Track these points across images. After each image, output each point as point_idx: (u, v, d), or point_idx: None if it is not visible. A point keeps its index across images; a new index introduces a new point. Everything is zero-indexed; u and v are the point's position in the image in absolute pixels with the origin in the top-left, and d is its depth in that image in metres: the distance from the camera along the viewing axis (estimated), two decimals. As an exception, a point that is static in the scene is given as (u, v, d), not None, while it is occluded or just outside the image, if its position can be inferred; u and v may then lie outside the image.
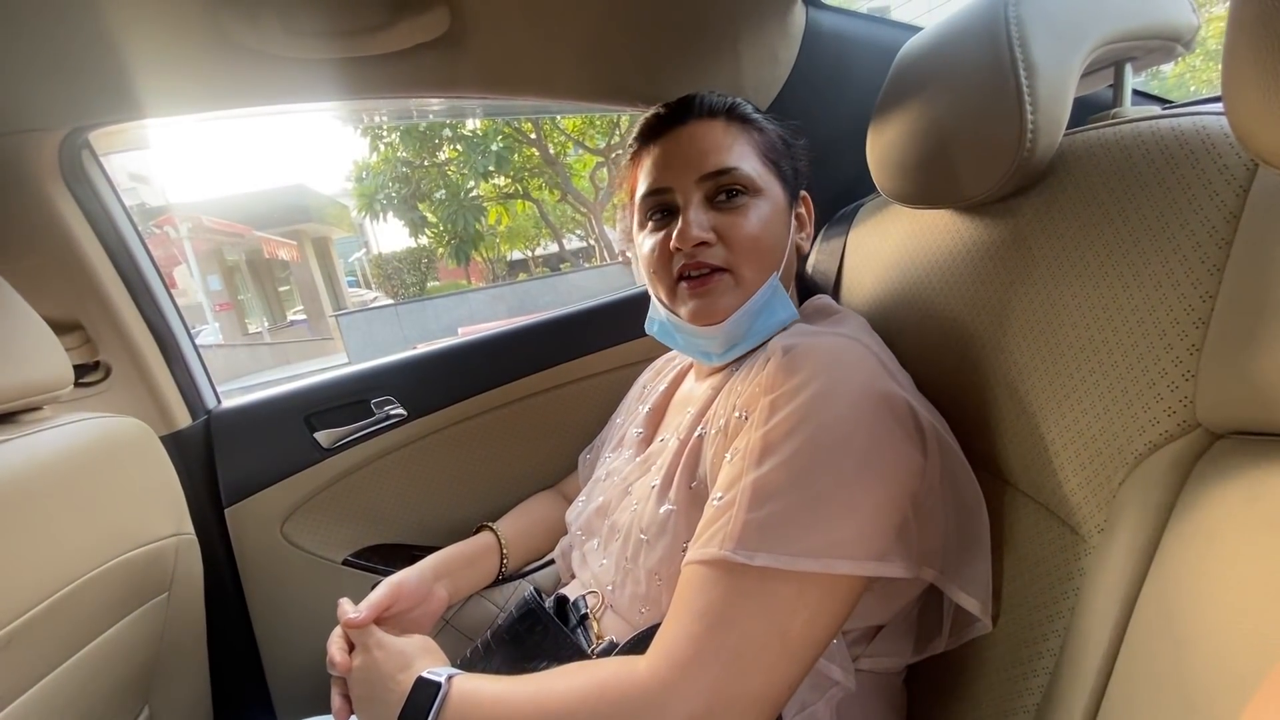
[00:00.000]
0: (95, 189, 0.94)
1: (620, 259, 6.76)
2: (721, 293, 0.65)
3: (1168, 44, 0.59)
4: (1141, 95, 0.87)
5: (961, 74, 0.60)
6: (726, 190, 0.64)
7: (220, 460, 1.06)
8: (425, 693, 0.55)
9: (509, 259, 17.21)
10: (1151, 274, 0.46)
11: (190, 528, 0.88)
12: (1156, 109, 0.53)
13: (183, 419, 1.06)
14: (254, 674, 1.10)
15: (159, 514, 0.82)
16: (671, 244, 0.65)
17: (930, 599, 0.62)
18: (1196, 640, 0.36)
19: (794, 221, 0.72)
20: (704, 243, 0.64)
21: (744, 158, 0.65)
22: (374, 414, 1.11)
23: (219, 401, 1.13)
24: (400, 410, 1.11)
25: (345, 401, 1.11)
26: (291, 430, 1.09)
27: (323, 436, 1.09)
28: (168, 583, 0.84)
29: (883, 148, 0.73)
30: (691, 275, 0.66)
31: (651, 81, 0.95)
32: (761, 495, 0.51)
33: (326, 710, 0.84)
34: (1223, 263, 0.42)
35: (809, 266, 0.95)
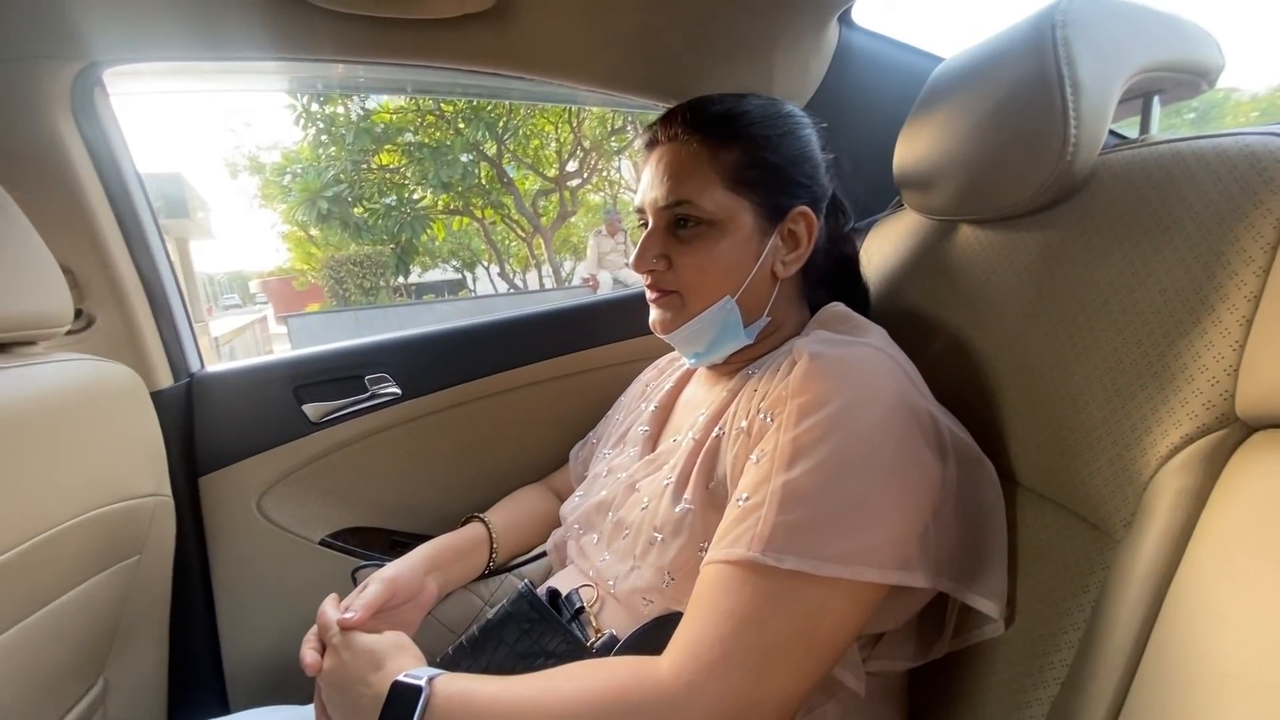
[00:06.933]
0: (104, 130, 0.90)
1: (590, 282, 6.71)
2: (669, 309, 0.70)
3: (1195, 79, 0.63)
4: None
5: (1003, 87, 0.62)
6: (681, 220, 0.67)
7: (199, 426, 1.01)
8: (405, 699, 0.51)
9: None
10: (1192, 279, 0.48)
11: (169, 490, 0.84)
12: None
13: (164, 379, 1.00)
14: (211, 655, 1.03)
15: (142, 470, 0.78)
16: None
17: (933, 603, 0.62)
18: (1230, 631, 0.37)
19: (776, 241, 0.68)
20: (653, 269, 0.69)
21: (704, 187, 0.65)
22: (367, 390, 1.08)
23: (202, 365, 1.08)
24: (394, 389, 1.08)
25: (338, 375, 1.07)
26: (279, 400, 1.04)
27: (311, 410, 1.05)
28: (141, 544, 0.79)
29: (914, 158, 0.75)
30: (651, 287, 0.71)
31: (686, 79, 0.97)
32: (791, 499, 0.51)
33: (282, 700, 0.80)
34: (1268, 265, 0.44)
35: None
